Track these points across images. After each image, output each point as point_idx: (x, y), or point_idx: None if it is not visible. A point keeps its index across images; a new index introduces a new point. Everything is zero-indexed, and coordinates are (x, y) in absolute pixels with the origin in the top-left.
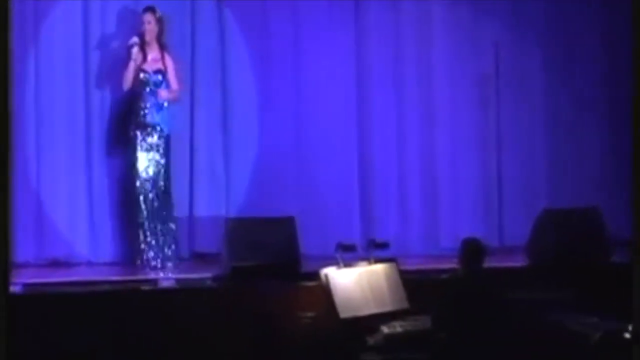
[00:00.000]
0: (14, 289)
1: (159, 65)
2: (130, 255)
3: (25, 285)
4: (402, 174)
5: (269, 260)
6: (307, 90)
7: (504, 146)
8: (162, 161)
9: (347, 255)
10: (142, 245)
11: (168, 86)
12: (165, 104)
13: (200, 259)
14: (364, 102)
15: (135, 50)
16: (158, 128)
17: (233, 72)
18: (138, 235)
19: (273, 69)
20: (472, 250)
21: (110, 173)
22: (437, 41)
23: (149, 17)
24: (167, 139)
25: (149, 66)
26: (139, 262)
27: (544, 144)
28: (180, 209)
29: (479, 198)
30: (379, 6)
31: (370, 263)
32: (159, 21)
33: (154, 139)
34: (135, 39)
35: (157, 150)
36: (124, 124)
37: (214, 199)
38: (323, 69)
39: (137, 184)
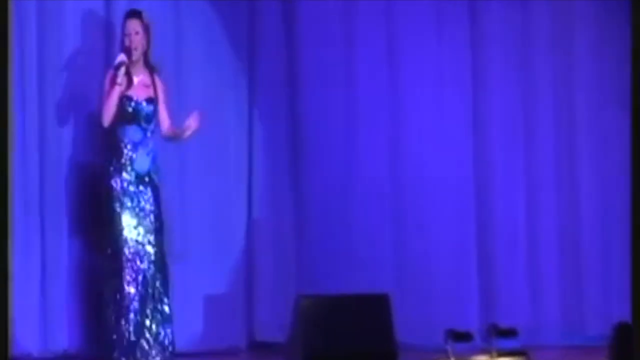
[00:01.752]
0: None
1: (150, 93)
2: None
3: None
4: (534, 239)
5: (355, 350)
6: (407, 133)
7: None
8: (154, 224)
9: (461, 345)
10: (132, 337)
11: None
12: (151, 145)
13: (261, 349)
14: (482, 147)
15: (122, 72)
16: (147, 179)
17: (306, 101)
18: (121, 324)
19: (360, 104)
20: (626, 338)
21: (90, 244)
22: (578, 60)
23: (135, 26)
24: (156, 191)
25: (137, 93)
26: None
27: None
28: (234, 284)
29: None
30: (499, 21)
31: (492, 356)
32: (147, 31)
33: (143, 193)
34: (122, 57)
35: (149, 209)
36: (102, 175)
37: (280, 270)
38: (429, 102)
39: (123, 254)
